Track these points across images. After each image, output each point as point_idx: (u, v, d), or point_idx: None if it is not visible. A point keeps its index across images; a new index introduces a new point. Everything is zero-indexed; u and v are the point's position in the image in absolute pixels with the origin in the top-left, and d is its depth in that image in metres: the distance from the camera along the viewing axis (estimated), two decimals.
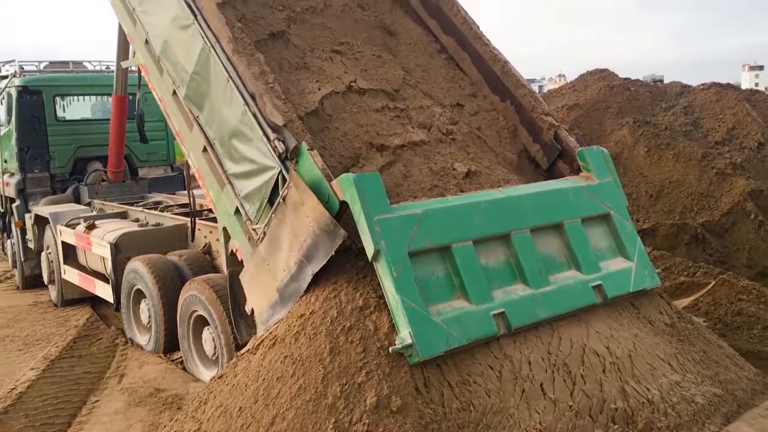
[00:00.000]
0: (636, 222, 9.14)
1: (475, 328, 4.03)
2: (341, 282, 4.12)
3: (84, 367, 6.52)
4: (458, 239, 4.28)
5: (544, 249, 4.68)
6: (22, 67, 10.96)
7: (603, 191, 5.16)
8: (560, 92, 12.54)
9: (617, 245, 5.05)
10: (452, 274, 4.22)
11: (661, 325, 4.76)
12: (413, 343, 3.76)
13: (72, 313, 8.64)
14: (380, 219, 4.02)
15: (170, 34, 5.48)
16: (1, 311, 9.03)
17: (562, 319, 4.39)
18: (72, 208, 9.29)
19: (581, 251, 4.78)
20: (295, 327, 4.06)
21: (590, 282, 4.65)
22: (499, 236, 4.51)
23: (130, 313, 7.29)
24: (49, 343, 7.35)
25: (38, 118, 10.36)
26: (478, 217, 4.45)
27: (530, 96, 5.82)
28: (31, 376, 6.12)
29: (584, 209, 4.99)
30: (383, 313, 3.90)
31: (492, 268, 4.40)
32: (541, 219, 4.73)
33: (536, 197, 4.84)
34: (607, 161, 5.38)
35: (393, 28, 6.34)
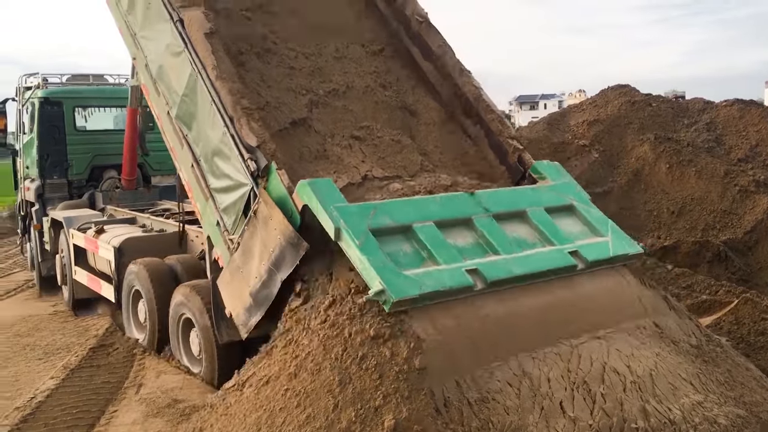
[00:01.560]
0: (657, 239, 9.06)
1: (448, 279, 4.24)
2: (341, 320, 4.05)
3: (103, 377, 6.55)
4: (419, 220, 4.62)
5: (516, 232, 4.96)
6: (46, 79, 11.49)
7: (562, 189, 5.56)
8: (580, 107, 12.49)
9: (589, 228, 5.28)
10: (419, 248, 4.49)
11: (686, 345, 4.70)
12: (384, 289, 3.97)
13: (92, 323, 8.69)
14: (337, 206, 4.44)
15: (165, 60, 5.92)
16: (22, 320, 9.12)
17: (581, 337, 4.35)
18: (84, 213, 9.75)
19: (550, 230, 5.02)
20: (290, 366, 3.98)
21: (566, 249, 4.86)
22: (461, 220, 4.81)
23: (129, 312, 7.74)
24: (69, 352, 7.39)
25: (58, 127, 10.93)
26: (435, 206, 4.83)
27: (498, 121, 6.19)
28: (50, 385, 6.15)
29: (545, 201, 5.32)
30: (399, 340, 3.85)
31: (461, 246, 4.63)
32: (501, 207, 5.05)
33: (495, 193, 5.26)
34: (561, 171, 5.82)
35: (414, 107, 6.36)
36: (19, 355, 7.48)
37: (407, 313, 3.98)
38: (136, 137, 10.12)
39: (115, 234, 8.15)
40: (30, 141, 11.26)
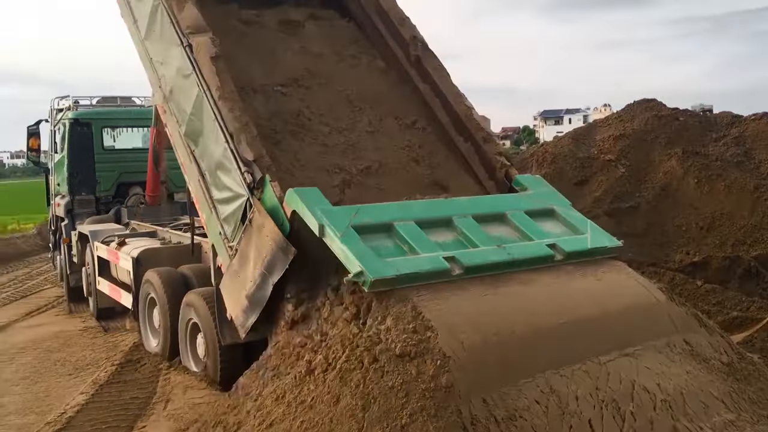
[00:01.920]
0: (686, 255, 8.95)
1: (425, 264, 4.55)
2: (365, 339, 4.04)
3: (131, 392, 6.61)
4: (399, 219, 4.98)
5: (496, 230, 5.26)
6: (77, 101, 12.10)
7: (543, 196, 5.89)
8: (606, 122, 12.42)
9: (570, 228, 5.55)
10: (400, 243, 4.83)
11: (717, 362, 4.63)
12: (363, 270, 4.29)
13: (121, 338, 8.81)
14: (322, 208, 4.80)
15: (175, 81, 6.35)
16: (53, 336, 9.26)
17: (610, 355, 4.31)
18: (109, 227, 10.18)
19: (530, 229, 5.32)
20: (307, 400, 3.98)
21: (544, 242, 5.15)
22: (442, 220, 5.15)
23: (145, 319, 8.04)
24: (98, 368, 7.49)
25: (87, 147, 11.56)
26: (417, 208, 5.24)
27: (487, 137, 6.62)
28: (80, 400, 6.23)
29: (525, 205, 5.64)
30: (425, 357, 3.83)
31: (442, 242, 4.95)
32: (482, 210, 5.41)
33: (475, 199, 5.73)
34: (542, 182, 6.20)
35: (446, 182, 6.38)
36: (50, 370, 7.59)
37: (433, 330, 3.98)
38: (159, 155, 10.42)
39: (134, 246, 8.51)
40: (61, 160, 11.86)
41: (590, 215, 9.78)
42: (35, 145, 13.10)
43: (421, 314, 4.04)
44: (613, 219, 9.61)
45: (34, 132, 13.03)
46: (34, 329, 9.80)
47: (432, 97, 6.89)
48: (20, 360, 8.08)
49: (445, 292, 4.34)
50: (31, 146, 13.18)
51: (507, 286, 4.61)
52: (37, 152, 13.20)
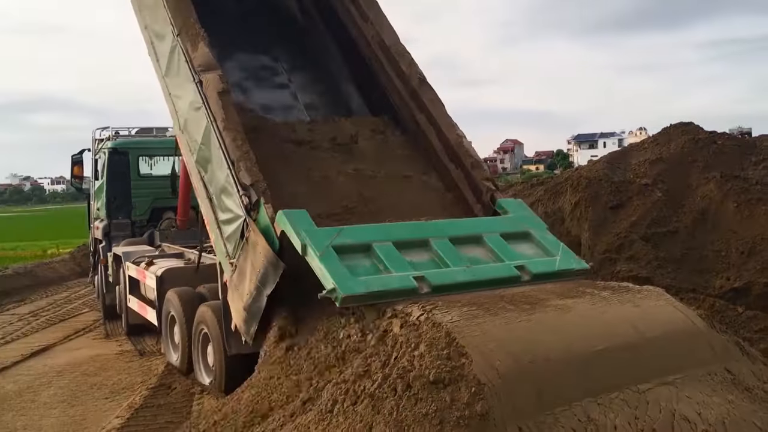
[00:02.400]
0: (727, 280, 8.75)
1: (395, 283, 4.96)
2: (400, 366, 3.99)
3: (165, 417, 6.65)
4: (379, 240, 5.40)
5: (469, 251, 5.64)
6: (117, 132, 13.01)
7: (520, 219, 6.30)
8: (642, 146, 12.28)
9: (542, 251, 5.94)
10: (376, 262, 5.24)
11: (760, 392, 4.49)
12: (335, 287, 4.75)
13: (157, 362, 8.89)
14: (306, 229, 5.28)
15: (189, 114, 6.87)
16: (90, 359, 9.38)
17: (649, 383, 4.22)
18: (140, 249, 10.78)
19: (502, 250, 5.71)
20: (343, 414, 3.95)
21: (513, 264, 5.52)
22: (419, 240, 5.57)
23: (166, 335, 8.59)
24: (133, 392, 7.56)
25: (124, 174, 12.36)
26: (397, 230, 5.64)
27: (476, 163, 6.99)
28: (116, 424, 6.29)
29: (502, 228, 6.05)
30: (460, 384, 3.78)
31: (416, 262, 5.33)
32: (459, 232, 5.79)
33: (454, 222, 6.09)
34: (521, 206, 6.56)
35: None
36: (87, 394, 7.69)
37: (467, 356, 3.94)
38: (189, 182, 10.51)
39: (160, 266, 9.09)
40: (101, 186, 12.70)
41: (626, 240, 9.68)
42: (78, 172, 14.01)
43: (455, 340, 4.01)
44: (649, 244, 9.46)
45: (77, 160, 13.89)
46: (72, 352, 9.95)
47: (428, 126, 7.37)
48: (58, 383, 8.20)
49: (479, 318, 4.31)
50: (75, 173, 14.09)
51: (542, 312, 4.55)
52: (80, 179, 14.13)
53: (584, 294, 4.94)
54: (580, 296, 4.89)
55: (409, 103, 7.56)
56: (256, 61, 8.76)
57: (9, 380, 8.42)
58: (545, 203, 12.96)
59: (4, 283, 16.85)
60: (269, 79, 8.73)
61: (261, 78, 8.68)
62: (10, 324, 12.54)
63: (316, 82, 8.84)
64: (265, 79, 8.70)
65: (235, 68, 8.46)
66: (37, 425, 6.64)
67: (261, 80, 8.67)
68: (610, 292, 4.98)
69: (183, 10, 7.06)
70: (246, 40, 8.75)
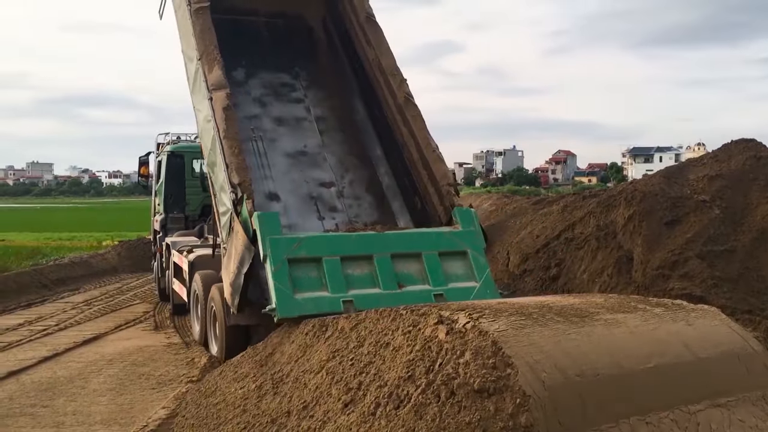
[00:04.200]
0: None
1: (325, 305, 6.38)
2: (444, 373, 3.96)
3: None
4: (329, 254, 6.74)
5: (403, 269, 6.95)
6: (179, 137, 14.73)
7: (465, 236, 7.36)
8: (701, 161, 11.96)
9: (470, 272, 7.10)
10: (322, 276, 6.64)
11: None
12: (275, 308, 6.33)
13: (199, 354, 9.02)
14: (271, 238, 6.66)
15: (203, 125, 8.29)
16: (139, 350, 9.59)
17: (700, 404, 4.09)
18: (187, 240, 11.90)
19: (433, 272, 6.96)
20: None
21: (434, 291, 6.79)
22: (364, 256, 6.87)
23: (193, 312, 9.94)
24: (179, 383, 7.69)
25: (180, 174, 13.86)
26: (349, 243, 6.96)
27: (443, 172, 8.23)
28: (162, 414, 6.39)
29: (442, 245, 7.22)
30: (504, 395, 3.74)
31: (356, 275, 6.76)
32: (402, 248, 7.08)
33: (403, 235, 7.35)
34: (471, 218, 7.56)
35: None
36: (135, 383, 7.85)
37: (513, 366, 3.89)
38: None
39: (195, 253, 10.18)
40: (161, 184, 14.18)
41: (681, 257, 9.43)
42: (145, 172, 15.86)
43: (502, 350, 3.96)
44: (705, 262, 9.19)
45: (144, 161, 15.74)
46: (122, 342, 10.19)
47: (409, 138, 8.61)
48: (108, 371, 8.40)
49: (527, 329, 4.25)
50: (142, 173, 16.10)
51: (591, 325, 4.46)
52: (146, 178, 15.94)
53: (636, 309, 4.83)
54: (632, 311, 4.78)
55: (396, 117, 8.77)
56: (277, 79, 9.96)
57: (61, 366, 8.67)
58: (597, 216, 12.74)
59: (61, 271, 17.40)
60: (287, 95, 9.86)
61: (280, 93, 9.83)
62: (65, 312, 12.93)
63: (328, 98, 9.92)
64: (284, 95, 9.84)
65: (259, 85, 9.78)
66: (87, 411, 6.81)
67: (279, 95, 9.81)
68: (662, 309, 4.86)
69: (206, 39, 8.35)
70: (272, 60, 10.06)
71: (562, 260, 13.04)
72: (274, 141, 9.26)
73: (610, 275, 10.51)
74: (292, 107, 9.74)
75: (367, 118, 9.61)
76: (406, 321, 4.70)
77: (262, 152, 9.05)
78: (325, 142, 9.42)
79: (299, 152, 9.25)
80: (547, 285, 12.74)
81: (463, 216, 7.54)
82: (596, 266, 11.22)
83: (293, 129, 9.44)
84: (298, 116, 9.63)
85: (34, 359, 8.98)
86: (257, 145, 9.09)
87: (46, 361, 8.96)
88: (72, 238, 32.27)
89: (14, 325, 11.50)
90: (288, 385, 5.25)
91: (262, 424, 4.93)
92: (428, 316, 4.57)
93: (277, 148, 9.20)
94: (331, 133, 9.57)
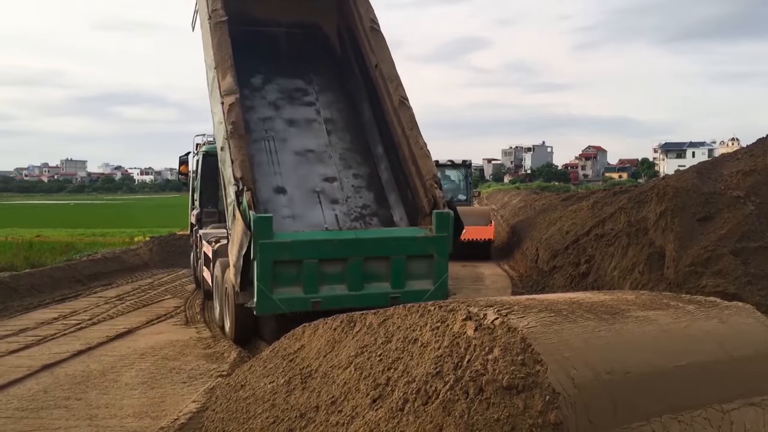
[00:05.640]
0: None
1: (297, 305, 8.19)
2: (473, 369, 3.94)
3: None
4: (309, 257, 8.18)
5: (371, 269, 8.37)
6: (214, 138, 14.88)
7: (435, 241, 8.48)
8: (735, 156, 11.78)
9: (429, 275, 8.50)
10: (300, 275, 8.15)
11: None
12: (254, 306, 8.14)
13: (229, 349, 9.10)
14: (262, 242, 7.90)
15: (217, 127, 9.50)
16: (170, 344, 9.72)
17: (734, 403, 4.02)
18: (216, 232, 12.38)
19: (396, 275, 8.44)
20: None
21: (391, 294, 8.33)
22: (340, 259, 8.29)
23: (215, 296, 11.01)
24: (210, 377, 7.77)
25: (213, 172, 13.85)
26: (328, 247, 8.30)
27: (428, 167, 9.08)
28: (192, 408, 6.46)
29: (412, 250, 8.52)
30: (534, 392, 3.70)
31: (329, 273, 8.24)
32: (375, 252, 8.42)
33: (378, 240, 8.59)
34: (446, 223, 8.48)
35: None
36: (166, 377, 7.95)
37: (542, 363, 3.86)
38: None
39: (220, 243, 10.80)
40: (197, 182, 15.01)
41: (714, 254, 9.28)
42: (184, 170, 16.83)
43: (531, 346, 3.93)
44: (739, 259, 9.04)
45: (184, 160, 16.77)
46: (153, 336, 10.33)
47: (402, 138, 9.50)
48: (139, 365, 8.53)
49: (556, 325, 4.20)
50: (182, 171, 17.05)
51: (622, 322, 4.40)
52: (185, 176, 16.87)
53: (668, 307, 4.76)
54: (663, 309, 4.71)
55: (392, 118, 9.63)
56: (292, 84, 11.03)
57: (94, 360, 8.81)
58: (628, 212, 12.60)
59: (94, 266, 17.67)
60: (300, 98, 10.90)
61: (293, 97, 10.88)
62: (98, 306, 13.14)
63: (338, 101, 10.96)
64: (297, 99, 10.88)
65: (275, 90, 10.89)
66: (119, 405, 6.92)
67: (293, 99, 10.86)
68: (695, 306, 4.78)
69: (222, 50, 9.38)
70: (289, 66, 11.19)
71: (592, 257, 12.93)
72: (285, 140, 10.25)
73: (641, 272, 10.39)
74: (304, 110, 10.73)
75: (372, 119, 10.39)
76: (435, 317, 4.69)
77: (273, 150, 10.09)
78: (332, 141, 10.41)
79: (307, 150, 10.25)
80: (577, 282, 12.64)
81: (440, 220, 8.46)
82: (627, 263, 11.10)
83: (303, 130, 10.45)
84: (308, 118, 10.62)
85: (67, 353, 9.15)
86: (269, 144, 10.14)
87: (80, 354, 9.13)
88: (105, 234, 32.74)
89: (49, 319, 11.73)
90: (316, 380, 5.27)
91: (290, 419, 4.95)
92: (457, 312, 4.55)
93: (287, 147, 10.19)
94: (339, 133, 10.54)
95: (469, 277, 16.78)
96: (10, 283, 13.98)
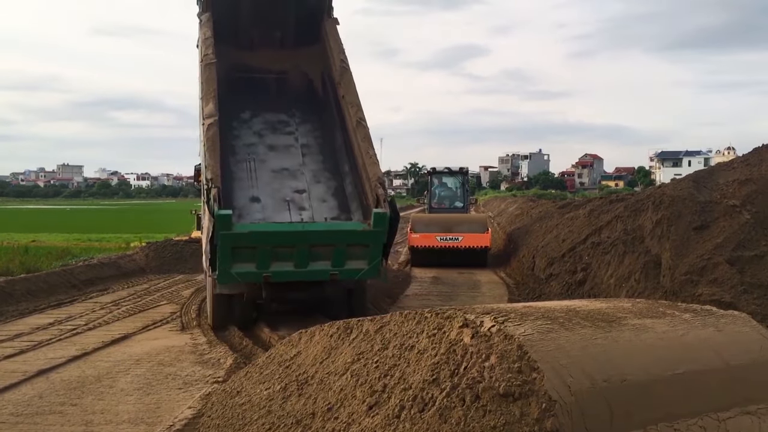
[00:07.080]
0: None
1: (251, 278, 9.92)
2: (469, 376, 3.94)
3: None
4: (264, 243, 9.68)
5: (316, 252, 9.92)
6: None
7: (372, 235, 9.96)
8: (731, 166, 11.83)
9: (365, 257, 10.09)
10: (255, 256, 9.69)
11: None
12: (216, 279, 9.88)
13: (226, 355, 9.09)
14: (222, 233, 9.31)
15: (200, 144, 10.82)
16: (166, 350, 9.70)
17: (730, 411, 4.03)
18: None
19: (337, 257, 9.99)
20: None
21: (330, 271, 10.04)
22: (290, 245, 9.82)
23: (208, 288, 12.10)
24: (205, 383, 7.75)
25: None
26: (279, 237, 9.84)
27: (374, 172, 10.52)
28: (188, 414, 6.45)
29: (352, 240, 10.01)
30: (530, 399, 3.70)
31: (279, 253, 9.79)
32: (320, 241, 9.92)
33: (322, 233, 10.06)
34: (382, 221, 9.87)
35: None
36: (162, 383, 7.94)
37: (538, 371, 3.86)
38: None
39: None
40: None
41: (710, 262, 9.30)
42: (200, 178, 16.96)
43: (527, 354, 3.93)
44: (735, 267, 9.06)
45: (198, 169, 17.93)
46: (149, 342, 10.32)
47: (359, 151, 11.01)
48: (135, 371, 8.51)
49: (553, 333, 4.21)
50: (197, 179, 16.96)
51: (619, 330, 4.41)
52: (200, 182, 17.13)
53: (664, 315, 4.77)
54: (660, 317, 4.72)
55: (353, 136, 11.27)
56: (276, 117, 12.83)
57: (90, 366, 8.79)
58: (624, 220, 12.62)
59: (90, 272, 17.64)
60: (281, 129, 12.68)
61: (276, 128, 12.66)
62: (93, 312, 13.12)
63: (315, 129, 12.77)
64: (279, 129, 12.66)
65: (260, 122, 12.65)
66: (114, 410, 6.90)
67: (276, 129, 12.64)
68: (691, 315, 4.79)
69: (209, 84, 11.12)
70: (275, 104, 13.01)
71: (589, 265, 12.94)
72: (264, 161, 11.97)
73: (638, 280, 10.40)
74: (284, 138, 12.52)
75: (342, 145, 12.02)
76: (431, 324, 4.69)
77: (253, 169, 11.78)
78: (306, 162, 12.13)
79: (283, 168, 11.90)
80: (573, 289, 12.65)
81: (377, 219, 9.87)
82: (623, 271, 11.11)
83: (282, 153, 12.19)
84: (287, 144, 12.42)
85: (63, 358, 9.13)
86: (250, 164, 11.85)
87: (75, 360, 9.11)
88: (101, 239, 32.70)
89: (44, 324, 11.71)
90: (313, 386, 5.26)
91: (286, 425, 4.95)
92: (453, 319, 4.55)
93: (265, 167, 11.88)
94: (313, 155, 12.31)
95: (465, 285, 16.80)
96: (6, 288, 13.96)
